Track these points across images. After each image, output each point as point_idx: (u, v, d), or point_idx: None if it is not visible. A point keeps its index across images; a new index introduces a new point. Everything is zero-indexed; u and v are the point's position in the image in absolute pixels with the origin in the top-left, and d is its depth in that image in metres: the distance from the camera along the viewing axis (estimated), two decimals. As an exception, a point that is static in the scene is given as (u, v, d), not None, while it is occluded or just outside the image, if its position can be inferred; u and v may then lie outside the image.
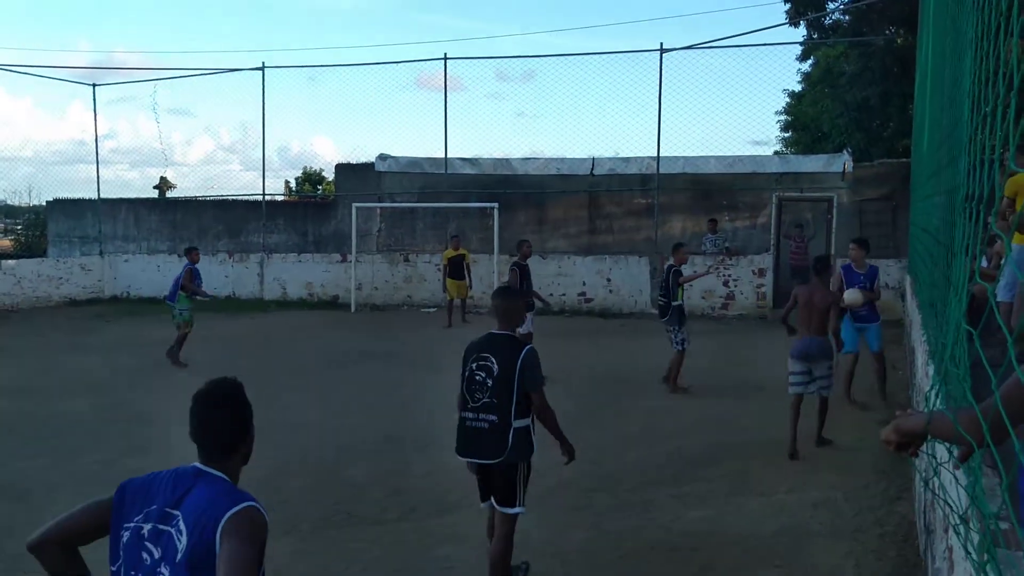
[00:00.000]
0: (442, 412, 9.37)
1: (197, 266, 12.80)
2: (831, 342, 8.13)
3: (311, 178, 37.16)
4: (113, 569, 2.43)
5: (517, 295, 5.34)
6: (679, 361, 10.45)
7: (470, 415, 4.74)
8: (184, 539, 2.33)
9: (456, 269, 16.88)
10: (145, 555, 2.37)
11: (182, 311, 12.46)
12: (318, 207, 23.95)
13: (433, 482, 7.00)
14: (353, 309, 18.93)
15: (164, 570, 2.34)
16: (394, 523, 6.17)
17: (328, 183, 33.17)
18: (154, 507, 2.41)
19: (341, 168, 21.93)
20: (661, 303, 10.89)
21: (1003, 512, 2.27)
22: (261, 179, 21.48)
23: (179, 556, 2.32)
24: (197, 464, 2.52)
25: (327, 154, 65.55)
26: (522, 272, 11.40)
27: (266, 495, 6.63)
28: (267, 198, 21.78)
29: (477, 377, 4.70)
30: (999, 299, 6.39)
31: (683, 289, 10.71)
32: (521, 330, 10.21)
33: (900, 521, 5.95)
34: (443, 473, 7.21)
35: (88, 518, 2.48)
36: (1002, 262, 6.36)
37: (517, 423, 4.63)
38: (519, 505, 4.71)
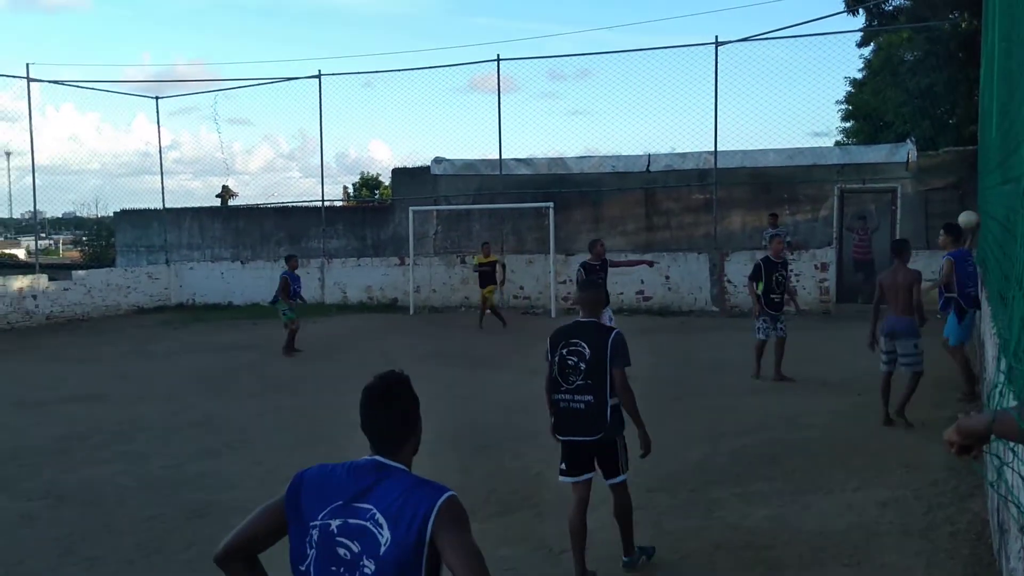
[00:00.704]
0: (499, 413, 9.43)
1: (296, 272, 14.29)
2: (916, 322, 8.47)
3: (368, 183, 37.60)
4: (302, 568, 2.41)
5: (599, 287, 5.88)
6: (759, 349, 10.88)
7: (565, 397, 5.05)
8: (386, 532, 2.32)
9: (487, 277, 16.61)
10: (343, 551, 2.35)
11: (284, 312, 13.88)
12: (376, 211, 24.21)
13: (492, 483, 7.01)
14: (412, 311, 19.08)
15: (368, 563, 2.32)
16: (455, 524, 6.18)
17: (385, 187, 33.52)
18: (339, 503, 2.39)
19: (397, 172, 22.13)
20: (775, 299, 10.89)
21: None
22: (320, 185, 21.84)
23: (383, 549, 2.31)
24: (376, 457, 2.52)
25: (384, 159, 66.17)
26: (587, 271, 11.40)
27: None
28: (326, 204, 22.11)
29: (569, 361, 5.02)
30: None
31: (763, 281, 10.84)
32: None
33: (972, 519, 5.78)
34: (502, 475, 7.23)
35: (266, 522, 2.47)
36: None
37: (612, 401, 5.00)
38: (623, 473, 5.14)
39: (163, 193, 23.21)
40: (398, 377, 2.60)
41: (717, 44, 17.91)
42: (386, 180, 29.60)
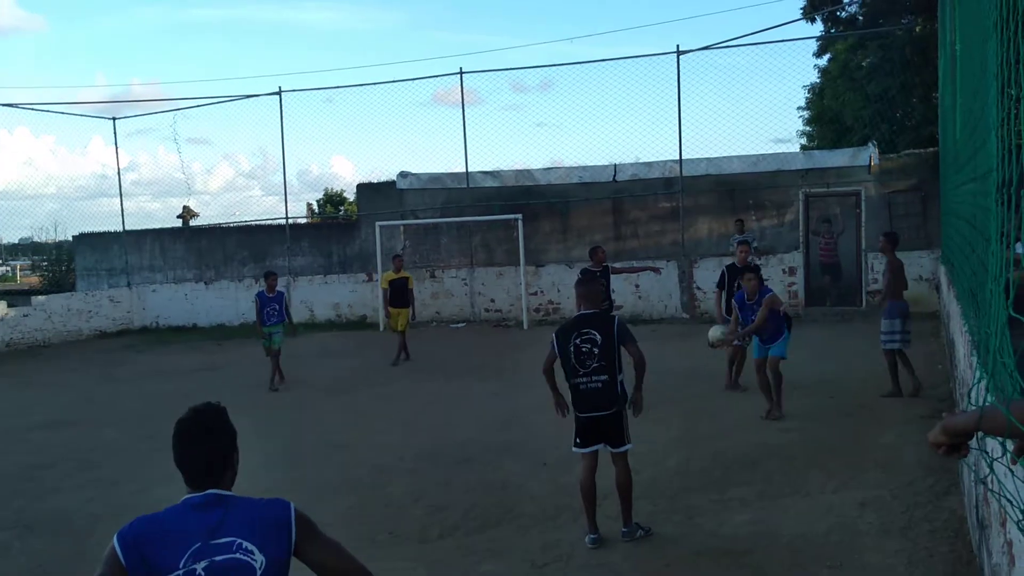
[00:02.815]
0: (477, 426, 9.38)
1: (274, 292, 13.00)
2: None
3: (333, 199, 37.37)
4: None
5: (596, 280, 6.38)
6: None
7: (583, 380, 5.78)
8: (259, 555, 2.37)
9: (398, 294, 14.48)
10: None
11: (268, 336, 12.73)
12: (341, 228, 24.05)
13: (474, 498, 6.95)
14: (382, 328, 18.94)
15: None
16: (437, 541, 6.13)
17: (350, 203, 33.35)
18: (197, 544, 2.37)
19: (362, 188, 22.02)
20: None
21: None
22: (283, 203, 21.65)
23: (259, 573, 2.36)
24: (211, 491, 2.51)
25: (347, 175, 65.85)
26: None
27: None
28: (290, 221, 21.92)
29: (584, 348, 5.75)
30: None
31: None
32: None
33: (950, 517, 5.82)
34: (483, 489, 7.17)
35: None
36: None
37: (620, 377, 5.82)
38: (629, 443, 5.90)
39: (123, 215, 22.88)
40: (214, 410, 2.60)
41: (679, 53, 18.06)
42: (350, 196, 29.47)
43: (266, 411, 10.99)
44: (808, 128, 32.22)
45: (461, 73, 19.67)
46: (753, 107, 30.67)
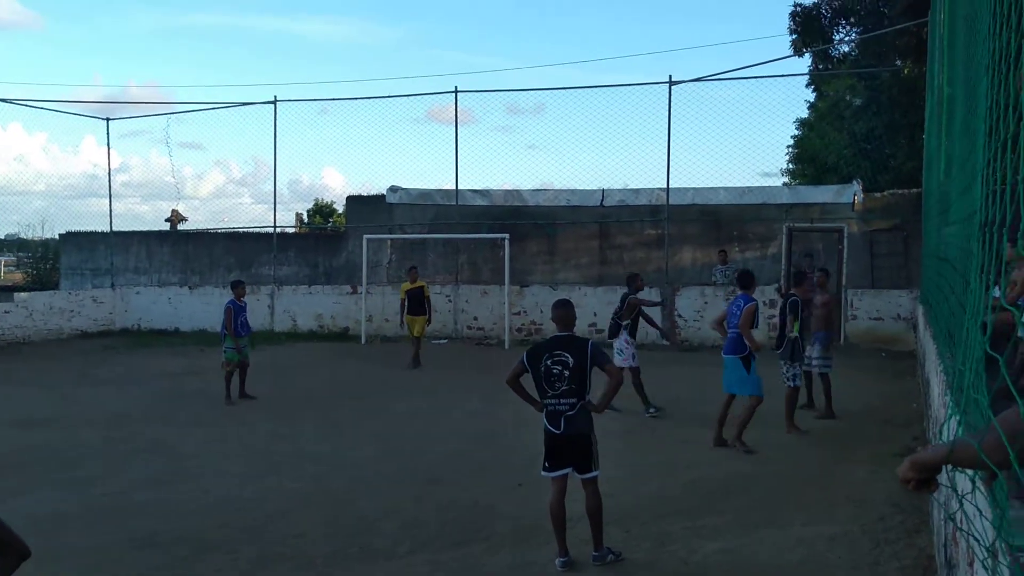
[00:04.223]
0: (452, 445, 9.38)
1: (244, 300, 12.51)
2: None
3: (322, 210, 37.37)
4: None
5: (570, 305, 6.23)
6: (792, 398, 9.93)
7: (552, 401, 5.83)
8: None
9: (415, 303, 15.55)
10: None
11: (226, 349, 12.08)
12: (329, 239, 24.06)
13: (446, 515, 6.95)
14: (363, 341, 18.92)
15: None
16: (408, 556, 6.12)
17: (339, 215, 33.33)
18: None
19: (352, 200, 22.04)
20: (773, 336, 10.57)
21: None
22: (272, 212, 21.63)
23: None
24: None
25: (337, 186, 65.80)
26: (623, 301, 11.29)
27: (281, 526, 6.64)
28: (278, 230, 21.90)
29: (554, 371, 5.79)
30: (1021, 335, 6.33)
31: (799, 320, 10.05)
32: (621, 363, 10.56)
33: (919, 555, 5.87)
34: (456, 506, 7.17)
35: None
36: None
37: (588, 398, 5.87)
38: (596, 469, 5.93)
39: (111, 216, 22.81)
40: None
41: (671, 83, 18.23)
42: (340, 208, 29.44)
43: (242, 420, 10.95)
44: (791, 166, 32.53)
45: (456, 92, 19.80)
46: (741, 140, 30.89)
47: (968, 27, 4.84)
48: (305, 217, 36.02)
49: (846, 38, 22.83)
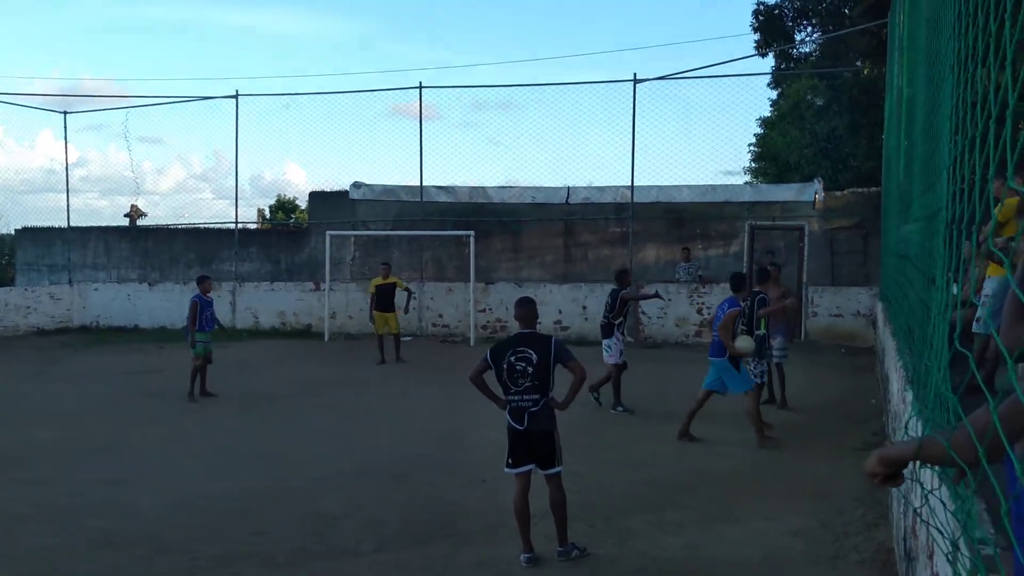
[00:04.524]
0: (416, 442, 9.34)
1: (210, 296, 12.28)
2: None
3: (284, 206, 37.02)
4: None
5: (533, 302, 6.27)
6: (758, 395, 9.74)
7: (515, 397, 5.86)
8: None
9: (385, 300, 15.53)
10: None
11: (195, 343, 11.86)
12: (291, 235, 23.88)
13: (409, 513, 6.91)
14: (326, 338, 18.79)
15: None
16: (371, 555, 6.07)
17: (301, 211, 33.07)
18: None
19: (315, 196, 21.88)
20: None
21: (990, 538, 2.27)
22: (233, 207, 21.39)
23: None
24: None
25: (300, 182, 65.27)
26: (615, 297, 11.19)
27: (241, 525, 6.56)
28: (239, 226, 21.66)
29: (518, 367, 5.83)
30: (977, 331, 6.46)
31: (765, 320, 10.08)
32: (610, 359, 10.74)
33: (878, 548, 5.94)
34: (419, 504, 7.14)
35: None
36: (983, 294, 6.42)
37: (551, 395, 5.92)
38: (559, 465, 5.96)
39: (68, 211, 22.41)
40: None
41: (635, 81, 18.31)
42: (303, 204, 29.22)
43: (202, 418, 10.81)
44: (754, 164, 32.86)
45: (421, 87, 19.72)
46: (705, 138, 31.08)
47: (931, 28, 4.90)
48: (267, 213, 35.65)
49: (808, 38, 23.12)
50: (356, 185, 20.88)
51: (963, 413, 1.92)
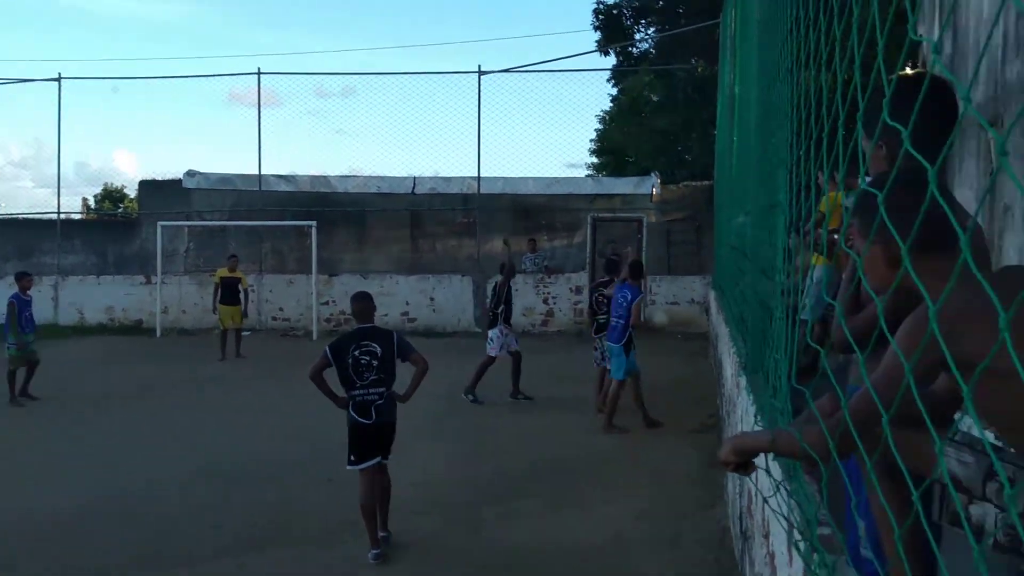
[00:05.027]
0: (257, 442, 9.03)
1: (28, 295, 11.35)
2: None
3: (112, 195, 35.07)
4: None
5: (370, 297, 6.28)
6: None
7: (360, 392, 5.83)
8: None
9: (230, 293, 15.15)
10: None
11: (10, 346, 11.01)
12: (120, 226, 22.60)
13: (250, 516, 6.67)
14: (159, 334, 17.91)
15: None
16: (211, 560, 5.82)
17: (131, 201, 31.38)
18: None
19: (145, 185, 20.79)
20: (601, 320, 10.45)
21: (823, 518, 2.38)
22: (56, 196, 20.04)
23: None
24: None
25: (129, 170, 61.89)
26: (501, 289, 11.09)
27: (71, 537, 6.14)
28: (62, 216, 20.32)
29: (363, 360, 5.84)
30: (804, 317, 6.82)
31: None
32: (491, 352, 10.66)
33: (715, 527, 6.20)
34: (261, 507, 6.90)
35: None
36: (807, 282, 6.78)
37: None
38: (388, 455, 6.02)
39: None
40: None
41: (480, 73, 18.38)
42: (132, 193, 27.73)
43: (24, 424, 10.08)
44: (595, 159, 33.71)
45: (259, 73, 19.07)
46: (549, 131, 31.65)
47: (762, 29, 5.13)
48: (92, 203, 33.65)
49: (645, 37, 23.87)
50: (190, 174, 19.97)
51: (811, 402, 1.99)
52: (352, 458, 5.90)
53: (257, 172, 19.45)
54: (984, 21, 5.71)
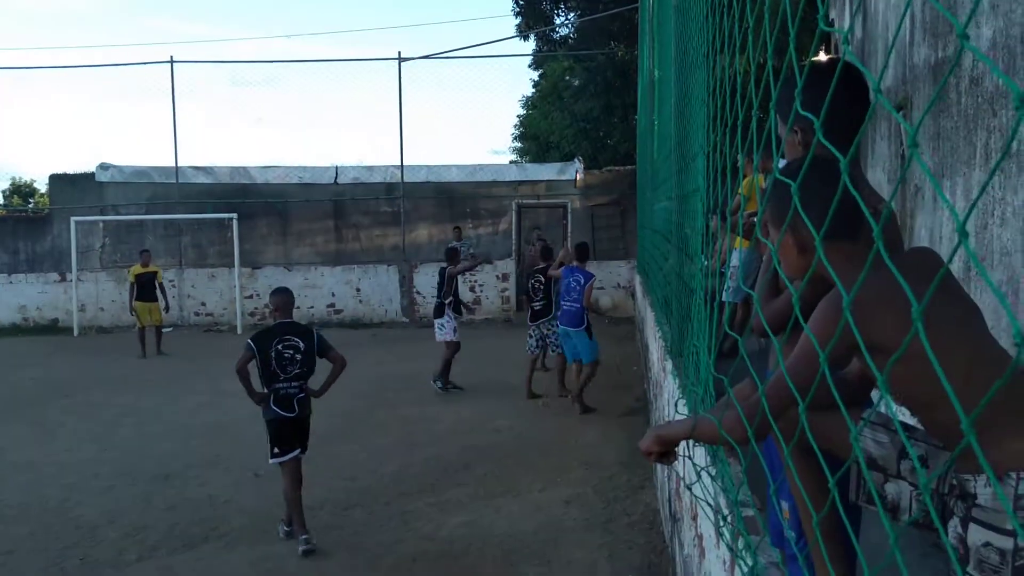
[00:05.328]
0: (180, 439, 8.82)
1: None
2: None
3: (20, 190, 33.78)
4: None
5: (290, 292, 6.30)
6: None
7: (283, 385, 5.91)
8: None
9: (146, 289, 14.76)
10: None
11: None
12: (30, 222, 21.71)
13: (175, 517, 6.51)
14: (76, 332, 17.36)
15: None
16: (135, 564, 5.67)
17: (41, 195, 30.28)
18: None
19: (56, 179, 20.05)
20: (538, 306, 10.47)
21: (744, 500, 2.42)
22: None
23: None
24: None
25: (39, 164, 59.63)
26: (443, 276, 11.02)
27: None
28: (-33, 213, 19.47)
29: (286, 355, 5.92)
30: (726, 299, 6.95)
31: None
32: (443, 336, 10.59)
33: (645, 510, 6.29)
34: (186, 506, 6.75)
35: None
36: (728, 265, 6.90)
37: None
38: (307, 448, 6.11)
39: None
40: None
41: (400, 60, 18.20)
42: (42, 187, 26.75)
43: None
44: (520, 144, 33.78)
45: (172, 62, 18.52)
46: (471, 118, 31.58)
47: (679, 13, 5.17)
48: (0, 198, 32.38)
49: (565, 22, 23.90)
50: (103, 167, 19.33)
51: (729, 388, 2.01)
52: (276, 451, 5.94)
53: (174, 164, 18.94)
54: (893, 6, 5.87)
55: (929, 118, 4.75)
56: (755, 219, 2.15)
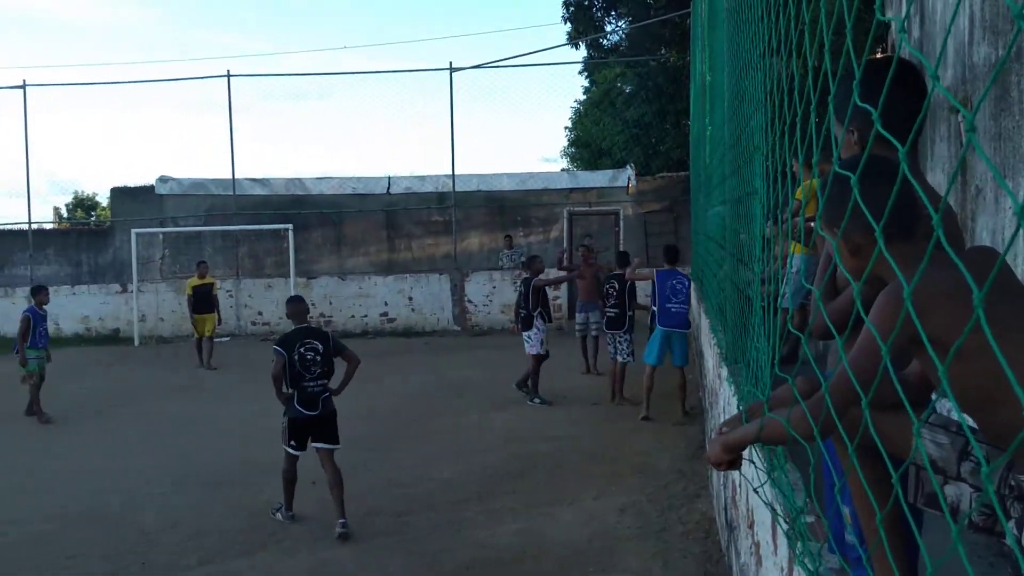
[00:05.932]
0: (236, 446, 8.95)
1: (44, 309, 11.21)
2: None
3: (84, 203, 34.71)
4: None
5: (303, 300, 6.98)
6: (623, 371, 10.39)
7: (310, 383, 6.36)
8: None
9: (203, 301, 14.84)
10: None
11: (28, 359, 10.84)
12: (93, 234, 22.35)
13: (236, 522, 6.61)
14: (137, 343, 17.75)
15: None
16: (195, 569, 5.76)
17: (103, 208, 31.09)
18: None
19: (117, 192, 20.59)
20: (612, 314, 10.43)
21: (808, 507, 2.38)
22: (26, 206, 19.79)
23: None
24: None
25: (100, 178, 61.20)
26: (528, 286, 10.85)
27: (50, 550, 6.06)
28: (33, 226, 20.07)
29: (308, 356, 6.35)
30: (784, 305, 6.84)
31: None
32: (532, 349, 10.58)
33: (700, 519, 6.20)
34: (245, 511, 6.84)
35: None
36: (788, 270, 6.79)
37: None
38: (339, 443, 6.50)
39: None
40: None
41: (452, 70, 18.32)
42: (104, 200, 27.45)
43: (4, 437, 9.95)
44: (572, 150, 33.74)
45: (228, 76, 18.90)
46: (522, 126, 31.69)
47: (731, 18, 5.12)
48: (64, 212, 33.31)
49: (616, 28, 23.84)
50: (163, 179, 19.80)
51: (792, 384, 1.98)
52: (293, 443, 6.46)
53: (231, 176, 19.30)
54: (950, 5, 5.74)
55: (990, 119, 4.63)
56: (813, 223, 2.12)
